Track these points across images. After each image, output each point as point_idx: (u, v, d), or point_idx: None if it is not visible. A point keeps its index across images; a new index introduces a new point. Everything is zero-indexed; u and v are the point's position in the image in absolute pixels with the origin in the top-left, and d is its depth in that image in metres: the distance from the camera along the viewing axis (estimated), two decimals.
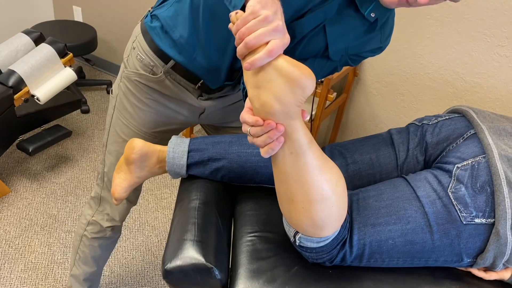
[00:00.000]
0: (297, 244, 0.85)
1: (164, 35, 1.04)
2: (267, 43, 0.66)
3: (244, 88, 0.97)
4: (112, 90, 1.20)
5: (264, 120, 0.70)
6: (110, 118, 1.21)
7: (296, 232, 0.83)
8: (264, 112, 0.70)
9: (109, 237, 1.38)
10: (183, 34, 1.01)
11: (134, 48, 1.10)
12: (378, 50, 1.00)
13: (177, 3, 1.02)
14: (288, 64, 0.67)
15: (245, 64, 0.67)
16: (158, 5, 1.08)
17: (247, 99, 0.79)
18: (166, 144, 1.23)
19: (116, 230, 1.37)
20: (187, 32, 1.01)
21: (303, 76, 0.67)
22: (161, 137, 1.20)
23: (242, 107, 1.28)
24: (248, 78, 0.72)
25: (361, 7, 0.90)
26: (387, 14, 0.95)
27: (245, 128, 0.74)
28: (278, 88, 0.68)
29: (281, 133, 0.71)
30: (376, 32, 0.96)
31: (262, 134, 0.71)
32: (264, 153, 0.73)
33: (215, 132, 1.36)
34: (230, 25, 0.72)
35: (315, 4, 0.89)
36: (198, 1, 0.97)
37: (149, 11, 1.11)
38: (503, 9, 1.66)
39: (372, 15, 0.91)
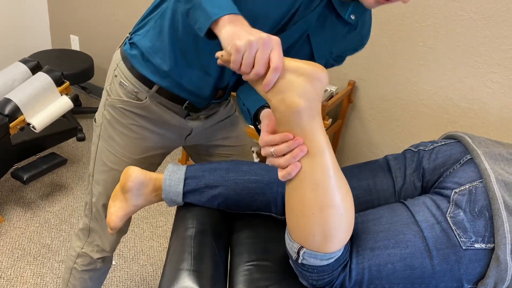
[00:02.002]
0: (300, 262, 0.83)
1: (145, 61, 1.04)
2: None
3: (249, 114, 0.97)
4: (95, 119, 1.18)
5: (293, 136, 0.74)
6: (96, 148, 1.19)
7: (301, 247, 0.81)
8: (290, 113, 0.73)
9: (99, 269, 1.35)
10: (164, 59, 1.01)
11: (116, 76, 1.09)
12: (360, 47, 1.04)
13: (153, 30, 1.01)
14: (300, 63, 0.72)
15: (263, 87, 0.73)
16: (135, 32, 1.07)
17: (266, 114, 0.84)
18: (154, 169, 1.22)
19: (106, 261, 1.34)
20: (168, 57, 1.01)
21: (317, 69, 0.72)
22: (148, 162, 1.19)
23: (230, 124, 1.28)
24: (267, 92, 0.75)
25: (340, 11, 0.93)
26: (365, 13, 0.99)
27: (267, 151, 0.77)
28: (300, 86, 0.72)
29: (304, 153, 0.74)
30: (356, 31, 1.00)
31: (287, 153, 0.75)
32: (283, 175, 0.76)
33: (198, 158, 1.35)
34: (218, 61, 0.76)
35: (296, 14, 0.91)
36: (176, 25, 0.97)
37: (127, 37, 1.10)
38: (493, 37, 1.69)
39: (352, 17, 0.95)
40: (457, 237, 0.81)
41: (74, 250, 1.33)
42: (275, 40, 0.71)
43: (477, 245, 0.80)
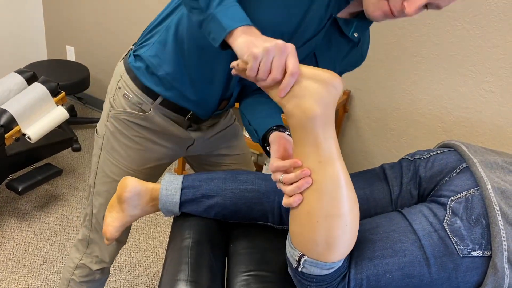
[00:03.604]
0: (300, 270, 0.82)
1: (150, 73, 1.04)
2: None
3: (257, 134, 0.97)
4: (97, 130, 1.18)
5: (301, 163, 0.76)
6: (97, 159, 1.18)
7: (302, 255, 0.80)
8: (306, 119, 0.74)
9: (97, 280, 1.34)
10: (169, 71, 1.02)
11: (120, 88, 1.09)
12: (359, 63, 1.07)
13: (158, 44, 1.02)
14: (316, 70, 0.74)
15: (280, 93, 0.74)
16: (140, 44, 1.08)
17: (276, 138, 0.87)
18: (155, 181, 1.22)
19: (105, 272, 1.33)
20: (173, 69, 1.02)
21: (333, 76, 0.73)
22: (150, 174, 1.19)
23: (231, 133, 1.28)
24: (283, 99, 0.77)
25: (345, 30, 0.95)
26: (366, 30, 1.01)
27: (277, 177, 0.80)
28: (316, 92, 0.73)
29: (309, 185, 0.76)
30: (357, 48, 1.02)
31: (294, 182, 0.77)
32: (286, 203, 0.79)
33: (199, 168, 1.35)
34: (233, 71, 0.78)
35: (306, 38, 0.93)
36: (181, 38, 0.98)
37: (131, 49, 1.11)
38: (487, 47, 1.71)
39: (355, 34, 0.97)
40: (455, 244, 0.81)
41: (72, 261, 1.31)
42: (291, 47, 0.72)
43: (474, 253, 0.81)
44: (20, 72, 1.94)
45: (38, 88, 1.86)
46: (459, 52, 1.78)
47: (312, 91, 0.73)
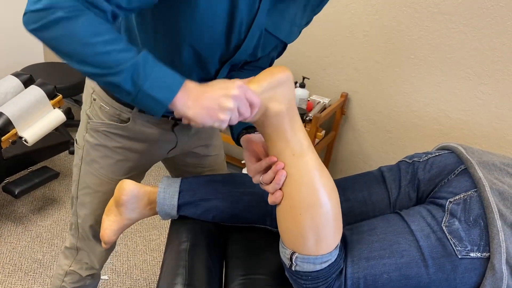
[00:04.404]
0: (294, 268, 0.83)
1: None
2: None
3: (232, 131, 0.97)
4: (76, 140, 1.14)
5: (276, 159, 0.81)
6: (78, 170, 1.14)
7: (293, 253, 0.82)
8: (272, 118, 0.79)
9: (88, 285, 1.32)
10: None
11: (94, 100, 1.05)
12: (323, 3, 0.97)
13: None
14: (262, 77, 0.78)
15: (270, 201, 0.83)
16: None
17: (245, 142, 0.90)
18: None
19: (96, 277, 1.31)
20: None
21: (279, 74, 0.79)
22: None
23: (209, 133, 1.24)
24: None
25: None
26: None
27: (257, 179, 0.84)
28: (276, 94, 0.78)
29: (285, 177, 0.80)
30: None
31: (272, 181, 0.81)
32: (271, 202, 0.82)
33: (174, 170, 1.32)
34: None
35: (247, 25, 0.86)
36: (142, 39, 0.92)
37: None
38: (484, 49, 1.72)
39: None
40: (453, 246, 0.81)
41: (62, 268, 1.29)
42: (242, 89, 0.74)
43: (472, 254, 0.81)
44: (17, 75, 1.93)
45: (35, 91, 1.86)
46: (456, 55, 1.78)
47: (273, 96, 0.78)
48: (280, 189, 0.81)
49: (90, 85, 1.06)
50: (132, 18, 0.90)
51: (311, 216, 0.78)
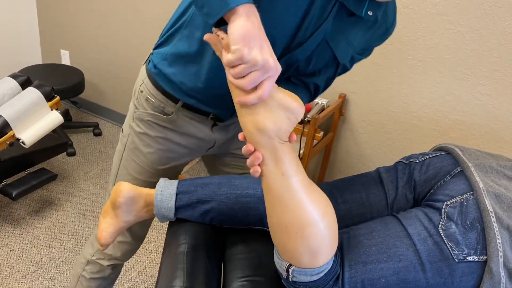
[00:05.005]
0: (290, 279, 0.82)
1: (168, 81, 1.05)
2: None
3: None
4: (122, 129, 1.21)
5: (254, 149, 0.79)
6: (120, 156, 1.20)
7: (289, 265, 0.81)
8: (256, 131, 0.76)
9: (107, 277, 1.33)
10: (184, 81, 1.03)
11: (142, 91, 1.11)
12: (386, 35, 1.01)
13: (171, 55, 1.02)
14: (285, 96, 0.76)
15: (236, 100, 0.75)
16: (156, 48, 1.08)
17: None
18: (176, 177, 1.22)
19: (117, 269, 1.34)
20: (188, 79, 1.02)
21: (299, 106, 0.77)
22: (171, 172, 1.20)
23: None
24: (241, 106, 0.77)
25: (356, 11, 0.90)
26: (384, 4, 0.95)
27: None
28: (277, 116, 0.76)
29: (260, 160, 0.78)
30: (379, 23, 0.97)
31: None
32: (253, 173, 0.80)
33: (213, 168, 1.35)
34: (206, 37, 0.76)
35: (312, 30, 0.90)
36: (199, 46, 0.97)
37: (151, 53, 1.11)
38: (482, 50, 1.72)
39: (370, 13, 0.92)
40: (450, 250, 0.81)
41: (84, 257, 1.32)
42: (276, 70, 0.71)
43: (469, 258, 0.80)
44: (14, 76, 1.92)
45: (33, 93, 1.85)
46: (454, 55, 1.78)
47: (274, 115, 0.76)
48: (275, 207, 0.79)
49: (141, 77, 1.12)
50: None
51: (308, 234, 0.77)
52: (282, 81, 1.02)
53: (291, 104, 0.76)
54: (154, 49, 1.10)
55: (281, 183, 0.77)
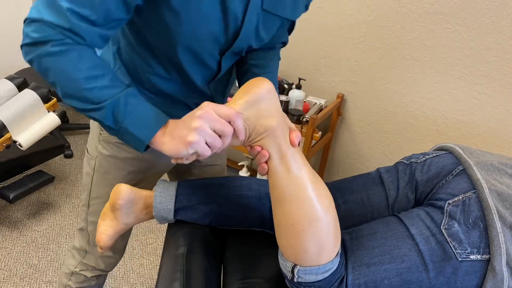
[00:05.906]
0: (296, 280, 0.82)
1: None
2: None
3: None
4: (87, 149, 1.14)
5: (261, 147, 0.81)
6: (90, 179, 1.14)
7: (294, 266, 0.82)
8: (266, 133, 0.80)
9: (94, 285, 1.32)
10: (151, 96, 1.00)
11: None
12: None
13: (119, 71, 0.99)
14: (242, 94, 0.77)
15: (240, 137, 0.78)
16: None
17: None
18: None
19: (101, 278, 1.32)
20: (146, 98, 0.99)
21: (259, 87, 0.78)
22: (145, 188, 1.16)
23: None
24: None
25: None
26: None
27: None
28: (262, 110, 0.78)
29: (266, 157, 0.81)
30: None
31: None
32: (260, 171, 0.83)
33: (175, 177, 1.31)
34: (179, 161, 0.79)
35: (240, 20, 0.83)
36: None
37: None
38: (479, 49, 1.72)
39: None
40: (453, 249, 0.81)
41: (68, 268, 1.30)
42: (206, 107, 0.73)
43: (472, 257, 0.80)
44: (10, 78, 1.91)
45: (29, 95, 1.84)
46: (452, 55, 1.78)
47: (258, 113, 0.78)
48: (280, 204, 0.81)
49: None
50: (124, 27, 0.90)
51: (314, 230, 0.78)
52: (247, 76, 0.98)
53: (253, 92, 0.77)
54: None
55: (288, 179, 0.80)
